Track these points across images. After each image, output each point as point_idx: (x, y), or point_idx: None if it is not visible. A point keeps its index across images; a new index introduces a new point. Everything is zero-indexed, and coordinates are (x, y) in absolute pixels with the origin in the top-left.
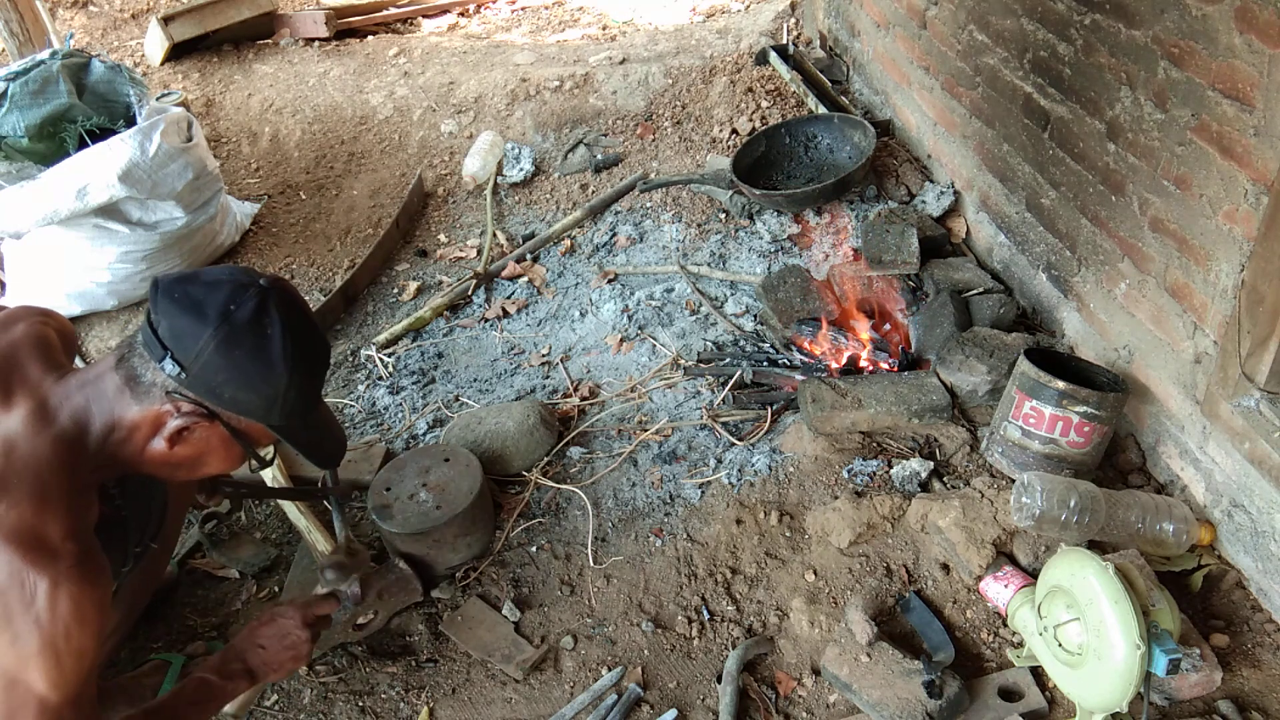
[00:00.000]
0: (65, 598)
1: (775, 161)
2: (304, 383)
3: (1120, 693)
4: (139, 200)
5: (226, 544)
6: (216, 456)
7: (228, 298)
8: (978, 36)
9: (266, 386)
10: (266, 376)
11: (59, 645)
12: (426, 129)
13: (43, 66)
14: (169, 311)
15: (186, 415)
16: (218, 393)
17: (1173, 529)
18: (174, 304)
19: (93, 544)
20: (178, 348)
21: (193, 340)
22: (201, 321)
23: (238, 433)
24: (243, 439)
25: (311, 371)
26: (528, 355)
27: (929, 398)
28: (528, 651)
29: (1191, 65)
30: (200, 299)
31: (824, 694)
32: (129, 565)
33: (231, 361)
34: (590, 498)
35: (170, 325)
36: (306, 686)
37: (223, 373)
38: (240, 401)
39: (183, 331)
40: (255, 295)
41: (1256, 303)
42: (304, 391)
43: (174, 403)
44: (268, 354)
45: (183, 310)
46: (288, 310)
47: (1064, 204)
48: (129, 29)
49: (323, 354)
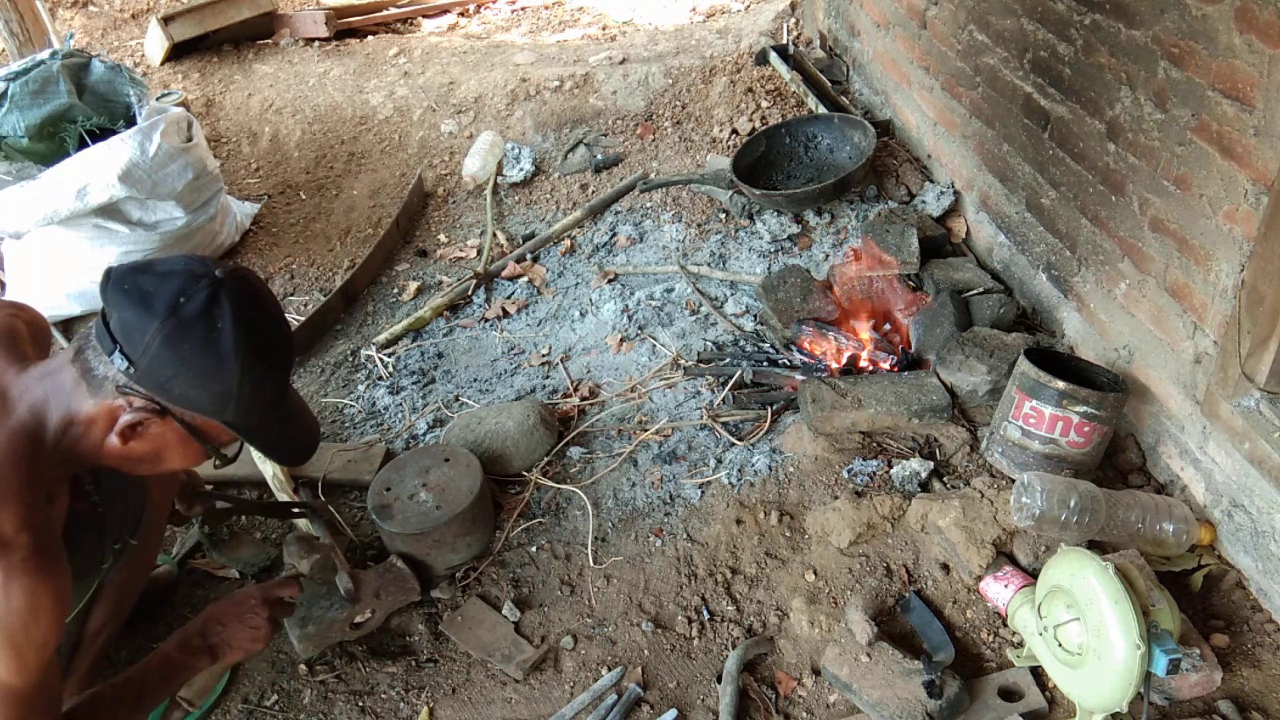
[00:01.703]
0: (18, 591)
1: (775, 161)
2: (260, 379)
3: (1120, 693)
4: (139, 200)
5: (226, 544)
6: (175, 452)
7: (178, 289)
8: (978, 36)
9: (217, 383)
10: (216, 372)
11: (16, 637)
12: (426, 129)
13: (43, 66)
14: (119, 303)
15: (137, 411)
16: (167, 388)
17: (1173, 529)
18: (124, 295)
19: (49, 536)
20: (126, 341)
21: (140, 334)
22: (149, 314)
23: (193, 429)
24: (199, 436)
25: (269, 367)
26: (528, 355)
27: (929, 398)
28: (528, 651)
29: (1191, 65)
30: (150, 290)
31: (824, 694)
32: (109, 562)
33: (179, 356)
34: (590, 498)
35: (120, 318)
36: (306, 686)
37: (170, 368)
38: (191, 398)
39: (131, 325)
40: (207, 287)
41: (1256, 303)
42: (261, 388)
43: (126, 397)
44: (217, 349)
45: (132, 302)
46: (242, 303)
47: (1064, 204)
48: (129, 29)
49: (283, 349)
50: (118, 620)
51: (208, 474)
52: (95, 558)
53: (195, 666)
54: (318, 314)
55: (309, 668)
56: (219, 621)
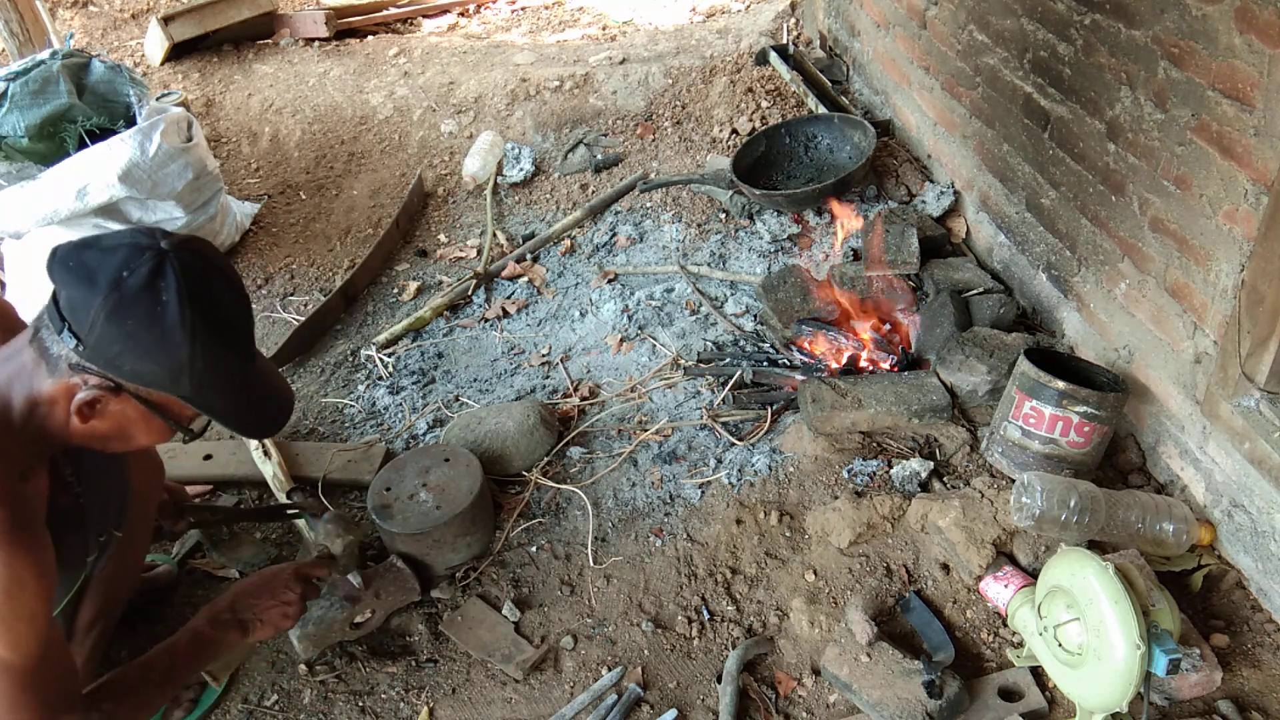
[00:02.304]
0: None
1: (775, 161)
2: (214, 351)
3: (1120, 693)
4: (139, 200)
5: (226, 544)
6: (139, 428)
7: (121, 263)
8: (978, 36)
9: (166, 357)
10: (164, 346)
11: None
12: (426, 129)
13: (43, 66)
14: (64, 281)
15: (92, 389)
16: (117, 365)
17: (1173, 529)
18: (68, 272)
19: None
20: (73, 319)
21: (85, 310)
22: (92, 290)
23: (152, 404)
24: (159, 411)
25: (222, 339)
26: (528, 355)
27: (929, 398)
28: (528, 651)
29: (1191, 65)
30: (93, 266)
31: (824, 694)
32: (94, 554)
33: (124, 332)
34: (590, 498)
35: (67, 296)
36: (306, 686)
37: (117, 344)
38: (142, 373)
39: (76, 302)
40: (151, 259)
41: (1256, 303)
42: (216, 360)
43: (80, 375)
44: (162, 322)
45: (76, 279)
46: (189, 274)
47: (1064, 204)
48: (129, 29)
49: (237, 320)
50: (109, 616)
51: (208, 474)
52: (79, 551)
53: (225, 641)
54: (318, 314)
55: (309, 668)
56: (250, 596)
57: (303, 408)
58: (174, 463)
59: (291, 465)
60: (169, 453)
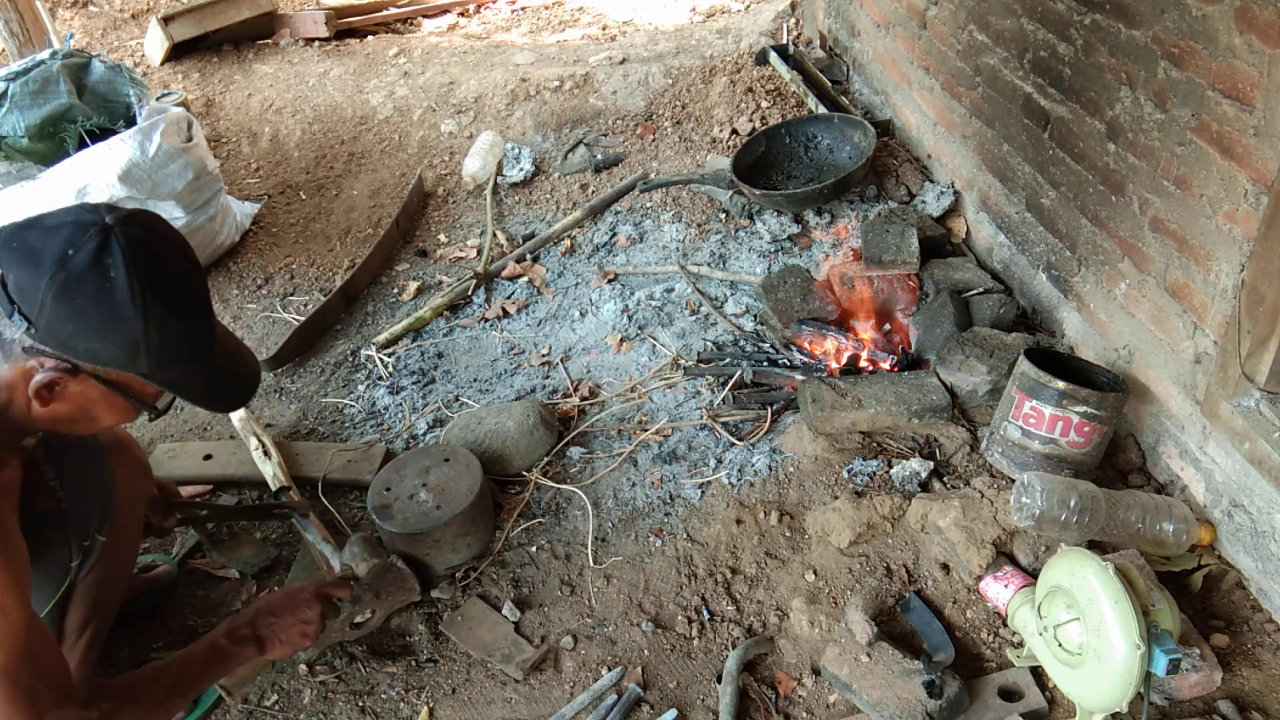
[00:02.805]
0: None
1: (775, 161)
2: (168, 325)
3: (1120, 693)
4: (139, 200)
5: (226, 544)
6: (102, 408)
7: (65, 242)
8: (978, 36)
9: (120, 335)
10: (115, 323)
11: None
12: (426, 129)
13: (43, 66)
14: (9, 262)
15: (48, 371)
16: (71, 345)
17: (1173, 529)
18: (13, 254)
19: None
20: (23, 301)
21: (33, 292)
22: (38, 271)
23: (111, 383)
24: (120, 390)
25: (176, 313)
26: (528, 355)
27: (929, 398)
28: (528, 651)
29: (1191, 65)
30: (38, 246)
31: (824, 694)
32: (78, 559)
33: (74, 311)
34: (590, 498)
35: (14, 278)
36: (306, 686)
37: (68, 324)
38: (97, 353)
39: (24, 283)
40: (96, 235)
41: (1256, 303)
42: (172, 335)
43: (36, 358)
44: (111, 299)
45: (21, 260)
46: (137, 248)
47: (1064, 204)
48: (129, 29)
49: (191, 292)
50: (101, 619)
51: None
52: (62, 555)
53: (241, 656)
54: (318, 314)
55: (309, 668)
56: (271, 614)
57: (302, 408)
58: (174, 463)
59: (291, 465)
60: (169, 453)
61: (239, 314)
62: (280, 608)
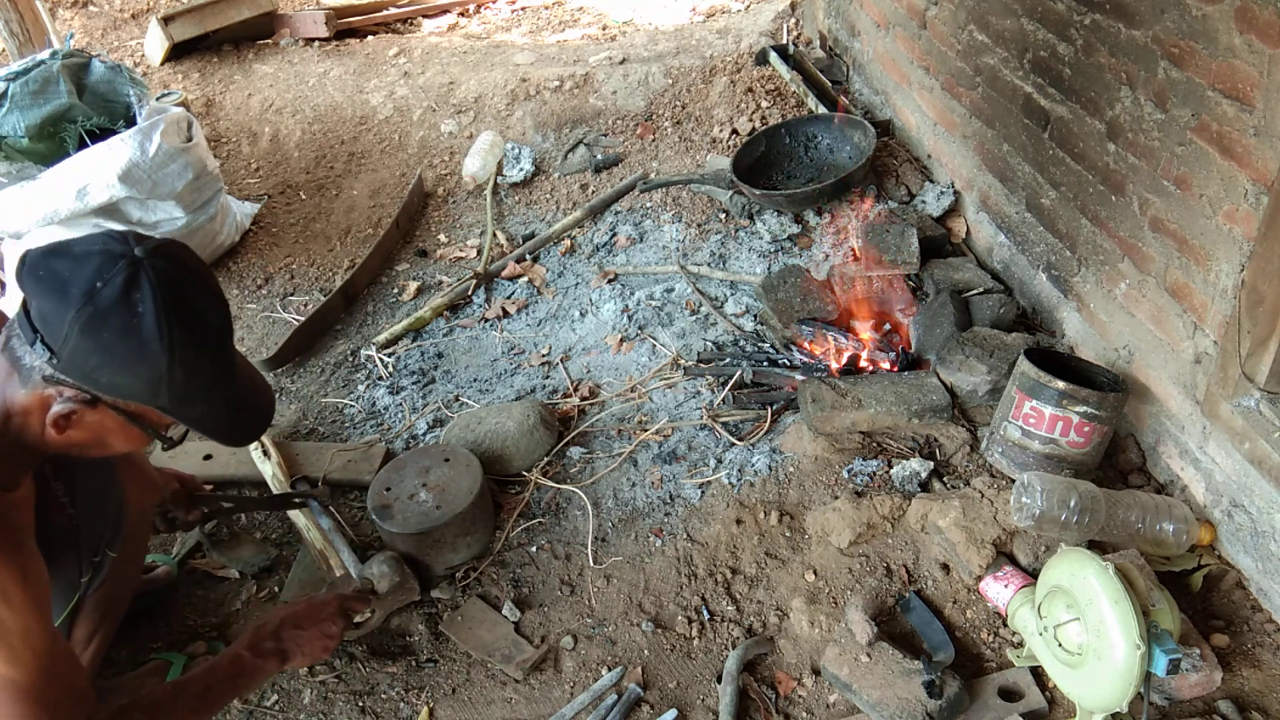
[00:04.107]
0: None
1: (775, 161)
2: (192, 361)
3: (1120, 693)
4: (139, 200)
5: (226, 544)
6: (117, 437)
7: (94, 273)
8: (978, 36)
9: (144, 369)
10: (141, 358)
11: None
12: (426, 129)
13: (43, 66)
14: (35, 291)
15: (67, 401)
16: (93, 377)
17: (1173, 529)
18: (39, 283)
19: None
20: (46, 331)
21: (58, 323)
22: (65, 302)
23: (129, 415)
24: (137, 421)
25: (200, 349)
26: (528, 355)
27: (929, 398)
28: (528, 651)
29: (1191, 65)
30: (65, 276)
31: (824, 694)
32: (88, 575)
33: (100, 345)
34: (590, 498)
35: (38, 306)
36: (306, 686)
37: (94, 356)
38: (119, 386)
39: (49, 314)
40: (125, 269)
41: (1256, 303)
42: (195, 370)
43: (55, 387)
44: (139, 334)
45: (47, 290)
46: (165, 283)
47: (1064, 204)
48: (129, 29)
49: (217, 327)
50: (107, 630)
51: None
52: (72, 572)
53: (265, 669)
54: (318, 314)
55: (309, 668)
56: (295, 625)
57: (302, 408)
58: (174, 463)
59: (291, 465)
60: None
61: (239, 314)
62: (305, 619)
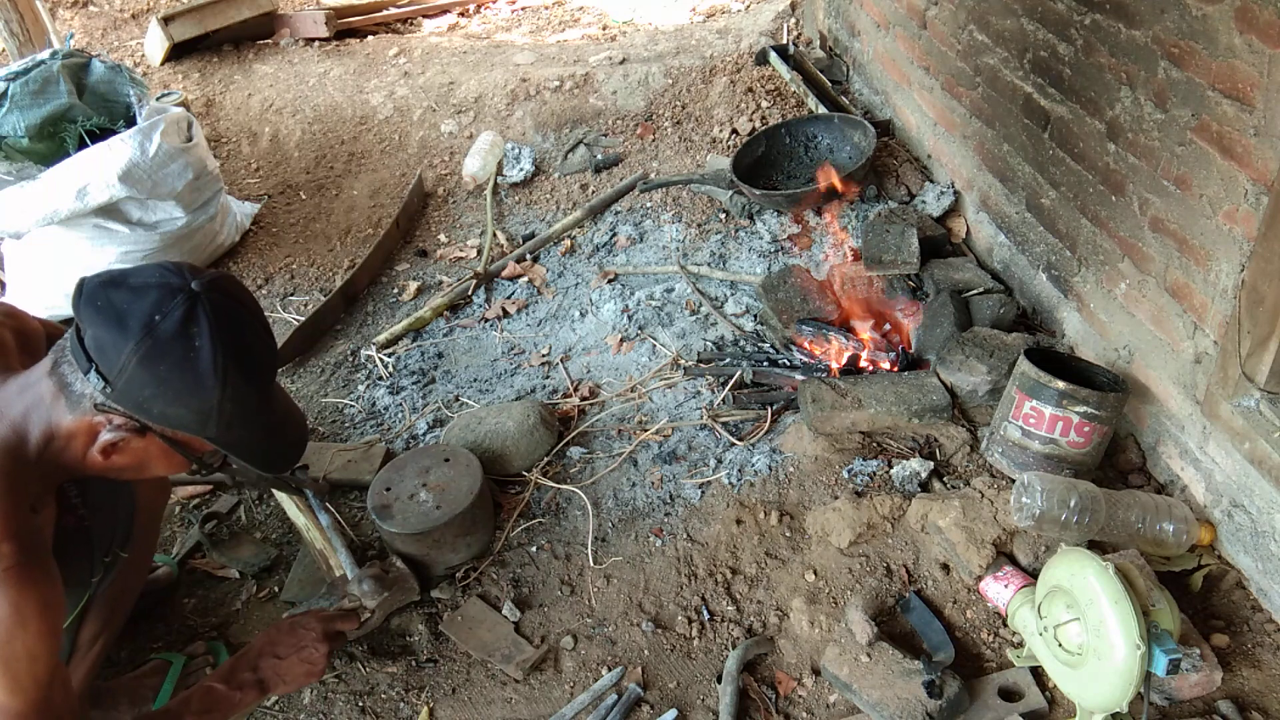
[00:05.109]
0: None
1: (775, 161)
2: (241, 394)
3: (1120, 693)
4: (139, 200)
5: (226, 544)
6: (159, 463)
7: (153, 306)
8: (978, 36)
9: (197, 401)
10: (196, 391)
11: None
12: (426, 129)
13: (43, 66)
14: (92, 320)
15: (117, 429)
16: (146, 408)
17: (1173, 529)
18: (97, 312)
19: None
20: (101, 360)
21: (115, 354)
22: (123, 334)
23: (175, 443)
24: (181, 449)
25: (250, 382)
26: (528, 355)
27: (929, 398)
28: (528, 651)
29: (1191, 65)
30: (124, 308)
31: (824, 694)
32: (99, 575)
33: (156, 376)
34: (590, 498)
35: (94, 335)
36: (306, 686)
37: (149, 388)
38: (170, 416)
39: (105, 344)
40: (183, 303)
41: (1256, 303)
42: (243, 402)
43: (105, 414)
44: (195, 368)
45: (105, 320)
46: (221, 317)
47: (1064, 204)
48: (129, 29)
49: (265, 361)
50: (112, 632)
51: None
52: (83, 571)
53: (241, 701)
54: (318, 314)
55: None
56: (274, 654)
57: (303, 408)
58: None
59: None
60: None
61: None
62: (284, 647)
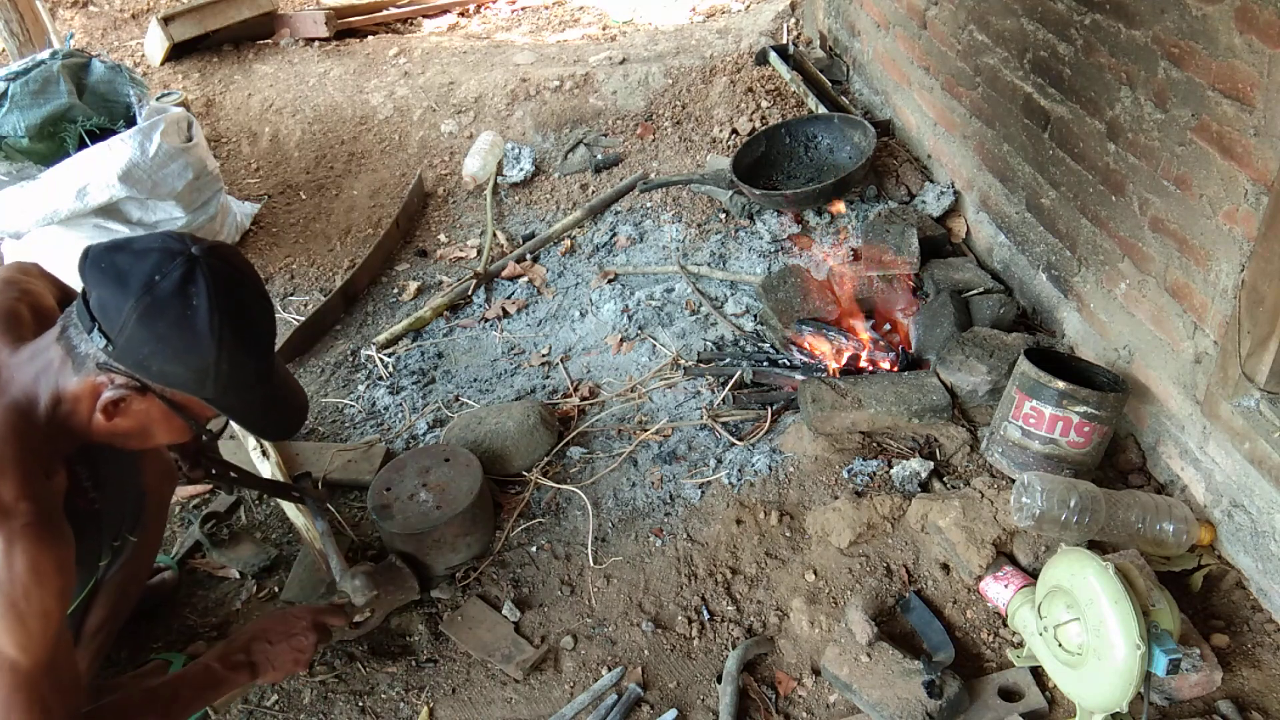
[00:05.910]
0: (21, 556)
1: (775, 161)
2: (238, 355)
3: (1120, 693)
4: (139, 200)
5: (226, 544)
6: (160, 428)
7: (153, 267)
8: (978, 36)
9: (194, 359)
10: (192, 349)
11: (19, 605)
12: (426, 129)
13: (43, 66)
14: (96, 281)
15: (118, 388)
16: (145, 365)
17: (1173, 529)
18: (100, 274)
19: (50, 507)
20: (104, 319)
21: (116, 312)
22: (124, 292)
23: (175, 405)
24: (181, 411)
25: (247, 345)
26: (528, 355)
27: (929, 398)
28: (528, 651)
29: (1191, 65)
30: (125, 269)
31: (824, 694)
32: (107, 559)
33: (154, 334)
34: (590, 498)
35: (98, 296)
36: (306, 687)
37: (147, 345)
38: (169, 375)
39: (107, 303)
40: (182, 265)
41: (1256, 303)
42: (240, 364)
43: (107, 374)
44: (192, 326)
45: (108, 281)
46: (219, 280)
47: (1064, 204)
48: (129, 29)
49: (262, 326)
50: (116, 621)
51: None
52: (93, 555)
53: (234, 681)
54: (318, 314)
55: (309, 668)
56: (266, 639)
57: None
58: None
59: (291, 465)
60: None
61: None
62: (275, 634)
